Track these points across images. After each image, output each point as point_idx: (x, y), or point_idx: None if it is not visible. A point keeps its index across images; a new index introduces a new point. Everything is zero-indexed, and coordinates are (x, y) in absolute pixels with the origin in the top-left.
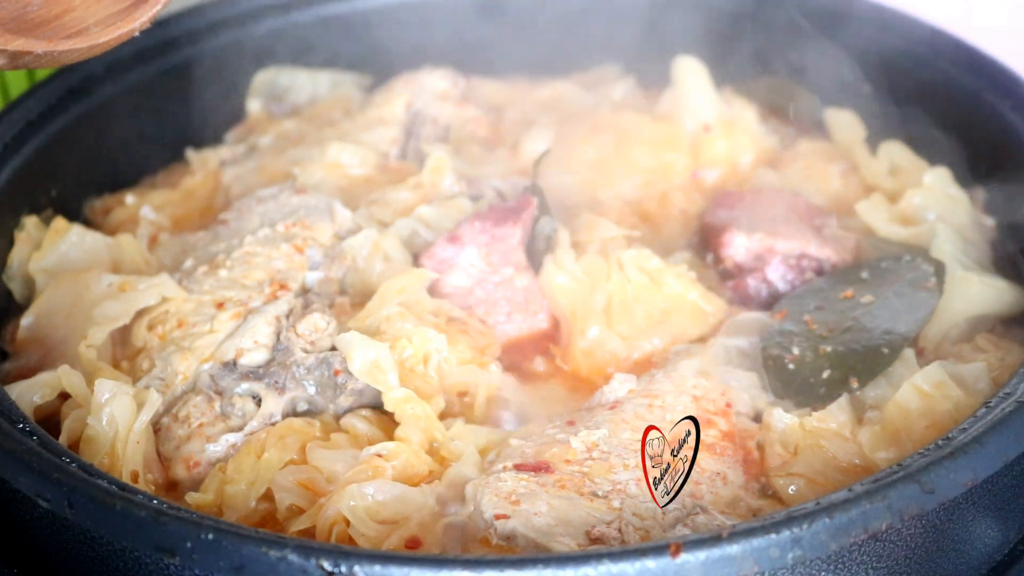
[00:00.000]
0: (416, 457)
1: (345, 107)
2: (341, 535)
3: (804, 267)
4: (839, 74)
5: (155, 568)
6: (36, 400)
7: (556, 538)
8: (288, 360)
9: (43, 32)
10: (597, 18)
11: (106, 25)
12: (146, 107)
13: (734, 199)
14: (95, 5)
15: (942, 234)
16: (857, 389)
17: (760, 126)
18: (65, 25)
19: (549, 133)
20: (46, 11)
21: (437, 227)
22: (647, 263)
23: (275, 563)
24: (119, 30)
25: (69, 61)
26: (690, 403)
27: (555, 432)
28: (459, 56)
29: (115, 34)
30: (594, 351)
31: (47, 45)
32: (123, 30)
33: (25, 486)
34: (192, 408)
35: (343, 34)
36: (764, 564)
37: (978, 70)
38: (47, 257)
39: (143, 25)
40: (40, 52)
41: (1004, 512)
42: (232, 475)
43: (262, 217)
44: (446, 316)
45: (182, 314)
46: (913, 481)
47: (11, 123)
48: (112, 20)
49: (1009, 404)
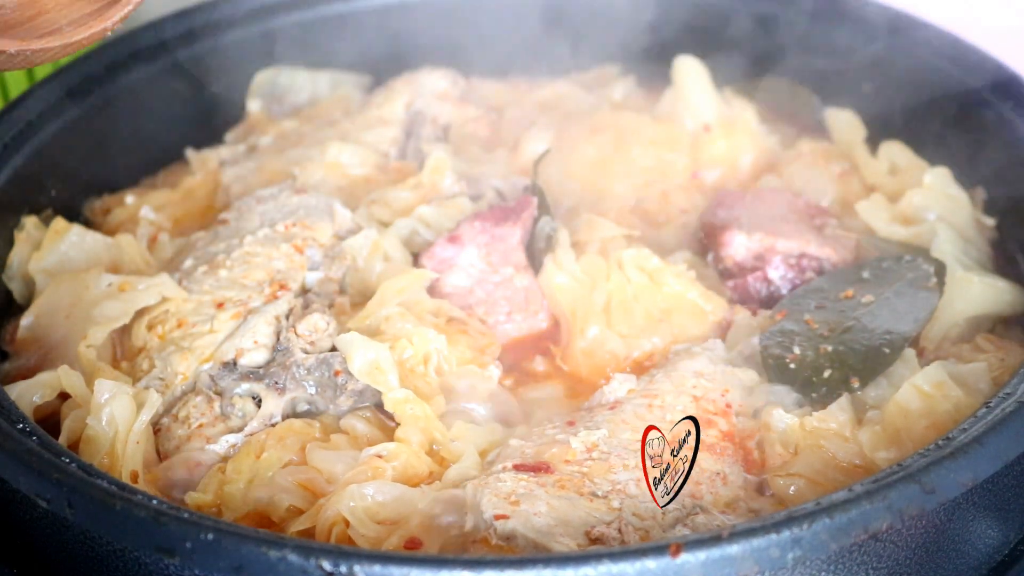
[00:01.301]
0: (416, 458)
1: (345, 107)
2: (341, 536)
3: (804, 267)
4: (839, 74)
5: (155, 568)
6: (36, 400)
7: (556, 538)
8: (288, 360)
9: (16, 33)
10: (597, 18)
11: (79, 25)
12: (146, 107)
13: (734, 199)
14: (68, 7)
15: (942, 234)
16: (858, 389)
17: (760, 126)
18: (38, 26)
19: (549, 133)
20: (19, 13)
21: (437, 227)
22: (647, 263)
23: (275, 563)
24: (91, 29)
25: (42, 61)
26: (690, 403)
27: (555, 432)
28: (459, 56)
29: (87, 33)
30: (594, 351)
31: (20, 44)
32: (95, 29)
33: (25, 486)
34: (192, 408)
35: (343, 34)
36: (764, 564)
37: (978, 70)
38: (47, 257)
39: (115, 24)
40: (12, 51)
41: (1004, 512)
42: (232, 475)
43: (262, 217)
44: (446, 316)
45: (182, 314)
46: (913, 481)
47: (11, 123)
48: (85, 20)
49: (1009, 404)
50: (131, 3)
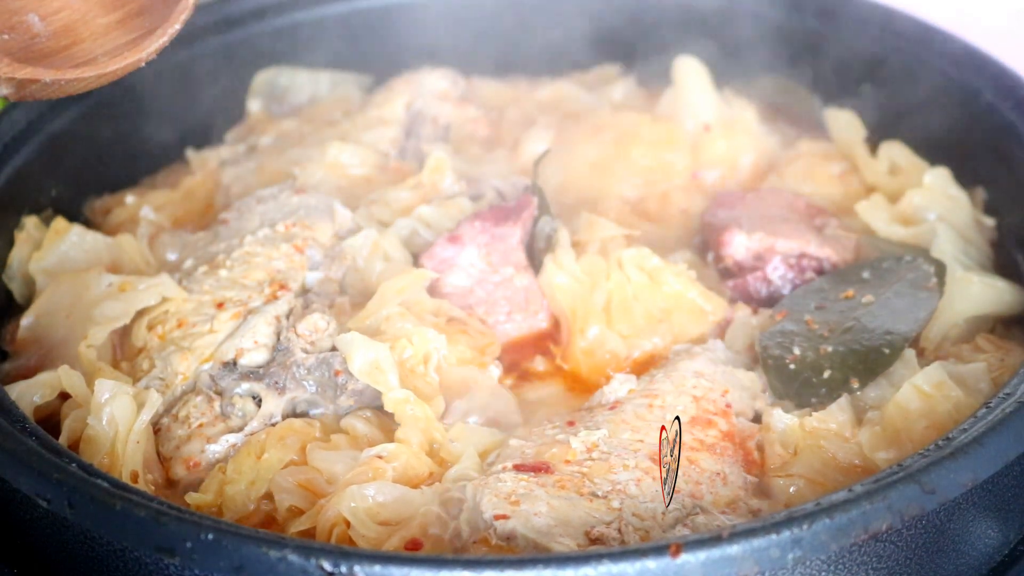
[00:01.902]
0: (416, 458)
1: (345, 107)
2: (341, 536)
3: (804, 267)
4: (839, 74)
5: (155, 568)
6: (36, 400)
7: (556, 538)
8: (288, 360)
9: (51, 62)
10: (597, 18)
11: (114, 55)
12: (146, 107)
13: (734, 199)
14: (103, 37)
15: (942, 234)
16: (858, 389)
17: (760, 126)
18: (73, 56)
19: (549, 133)
20: (54, 42)
21: (437, 227)
22: (647, 262)
23: (275, 563)
24: (126, 60)
25: (76, 91)
26: (690, 403)
27: (555, 432)
28: (459, 56)
29: (122, 64)
30: (594, 350)
31: (55, 74)
32: (130, 60)
33: (25, 486)
34: (192, 408)
35: (343, 34)
36: (764, 564)
37: (978, 70)
38: (47, 257)
39: (151, 56)
40: (48, 80)
41: (1004, 512)
42: (232, 475)
43: (262, 217)
44: (446, 316)
45: (182, 314)
46: (913, 481)
47: (11, 123)
48: (120, 51)
49: (1009, 404)
50: (166, 34)
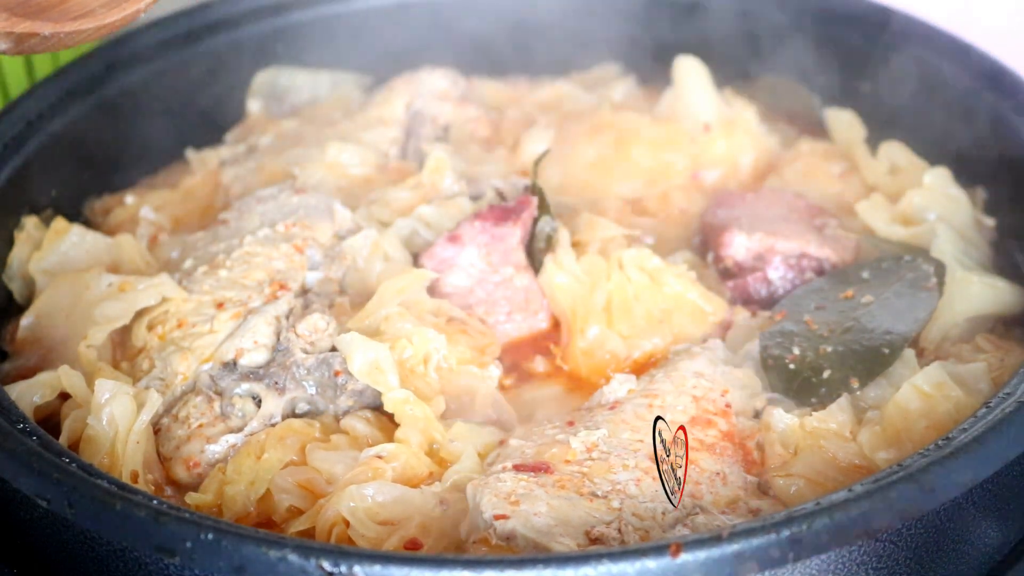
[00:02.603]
0: (416, 458)
1: (345, 107)
2: (341, 536)
3: (804, 267)
4: (839, 74)
5: (155, 568)
6: (36, 400)
7: (556, 538)
8: (288, 360)
9: (49, 15)
10: (597, 18)
11: (112, 6)
12: (146, 107)
13: (734, 199)
14: None
15: (942, 234)
16: (857, 389)
17: (760, 126)
18: (71, 8)
19: (549, 133)
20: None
21: (437, 227)
22: (647, 263)
23: (275, 563)
24: (124, 11)
25: (75, 43)
26: (690, 403)
27: (555, 432)
28: (459, 56)
29: (120, 15)
30: (594, 351)
31: (53, 27)
32: (128, 11)
33: (25, 486)
34: (192, 408)
35: (343, 34)
36: (764, 564)
37: (978, 70)
38: (47, 257)
39: (149, 6)
40: (47, 33)
41: (1004, 512)
42: (232, 476)
43: (262, 217)
44: (446, 316)
45: (182, 314)
46: (913, 481)
47: (11, 123)
48: (118, 2)
49: (1009, 404)
50: None
